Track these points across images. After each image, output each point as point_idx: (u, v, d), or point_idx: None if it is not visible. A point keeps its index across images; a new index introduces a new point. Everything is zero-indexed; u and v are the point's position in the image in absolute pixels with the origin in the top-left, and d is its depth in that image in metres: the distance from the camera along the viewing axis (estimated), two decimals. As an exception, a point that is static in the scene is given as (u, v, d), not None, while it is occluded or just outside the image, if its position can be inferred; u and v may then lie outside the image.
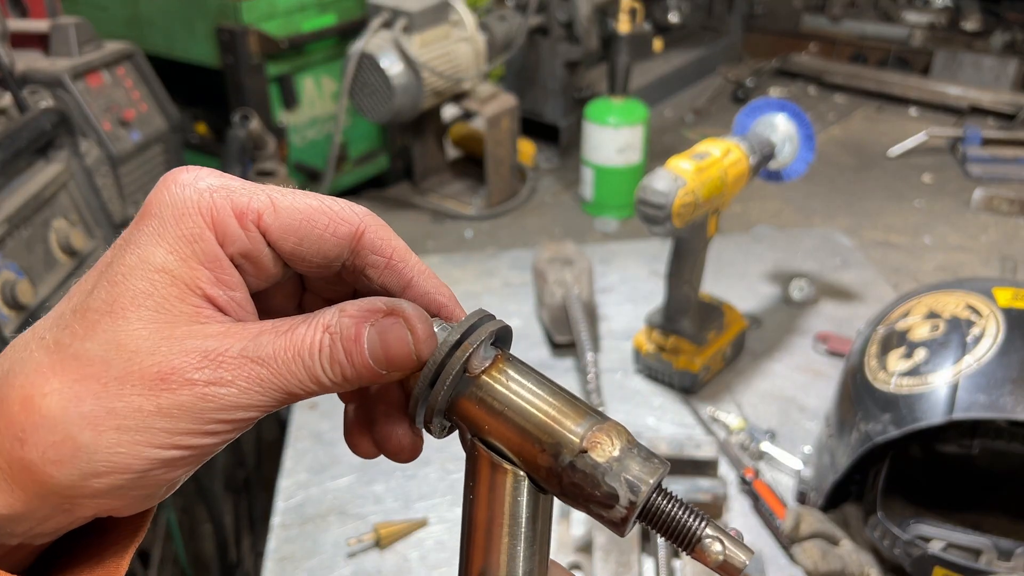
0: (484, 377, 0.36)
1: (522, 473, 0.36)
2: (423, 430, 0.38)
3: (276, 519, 1.15)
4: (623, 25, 1.97)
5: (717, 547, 0.34)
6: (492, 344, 0.37)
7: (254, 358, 0.33)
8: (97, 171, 1.45)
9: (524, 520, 0.36)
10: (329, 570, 1.07)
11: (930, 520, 1.01)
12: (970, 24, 2.91)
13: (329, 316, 0.35)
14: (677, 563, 1.01)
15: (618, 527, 0.35)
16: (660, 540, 1.00)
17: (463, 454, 0.38)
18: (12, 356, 0.33)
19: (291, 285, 0.42)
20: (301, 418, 1.31)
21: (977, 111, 2.58)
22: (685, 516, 0.35)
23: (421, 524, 1.11)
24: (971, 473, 1.09)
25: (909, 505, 1.06)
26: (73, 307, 0.34)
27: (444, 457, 1.22)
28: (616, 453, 0.35)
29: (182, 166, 0.36)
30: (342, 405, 0.42)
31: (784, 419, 1.29)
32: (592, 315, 1.47)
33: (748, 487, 1.12)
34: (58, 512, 0.33)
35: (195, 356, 0.33)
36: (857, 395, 1.05)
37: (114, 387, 0.32)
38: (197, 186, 0.35)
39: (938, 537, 0.98)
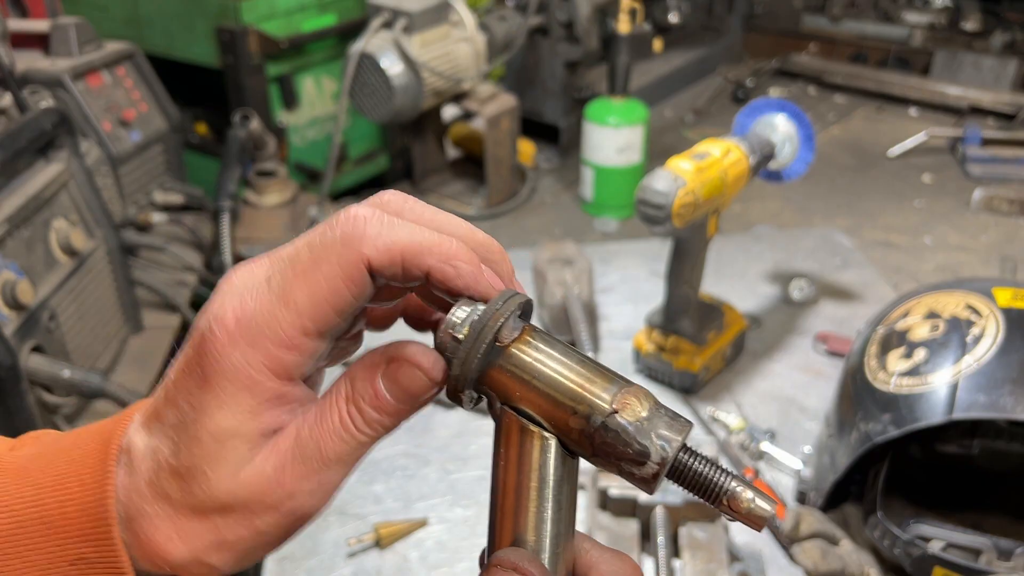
0: (514, 347, 0.38)
1: (550, 436, 0.37)
2: (455, 403, 0.40)
3: (276, 519, 1.15)
4: (623, 25, 1.97)
5: (748, 494, 0.37)
6: (519, 317, 0.39)
7: (304, 460, 0.37)
8: (97, 171, 1.45)
9: (552, 483, 0.37)
10: (329, 570, 1.07)
11: (930, 520, 1.01)
12: (970, 24, 2.91)
13: (345, 389, 0.38)
14: (677, 563, 1.01)
15: (648, 483, 0.37)
16: (660, 540, 1.00)
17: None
18: (128, 504, 0.38)
19: None
20: (301, 418, 1.31)
21: (977, 111, 2.58)
22: (711, 472, 0.37)
23: (421, 524, 1.11)
24: (971, 473, 1.09)
25: (909, 505, 1.06)
26: (160, 465, 0.37)
27: (444, 457, 1.22)
28: (645, 413, 0.36)
29: (210, 310, 0.37)
30: None
31: (784, 419, 1.29)
32: (592, 315, 1.47)
33: (748, 487, 1.12)
34: None
35: (264, 486, 0.37)
36: (857, 395, 1.05)
37: (221, 526, 0.37)
38: (233, 351, 0.37)
39: (938, 537, 0.98)
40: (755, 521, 0.37)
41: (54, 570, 0.37)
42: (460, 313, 0.38)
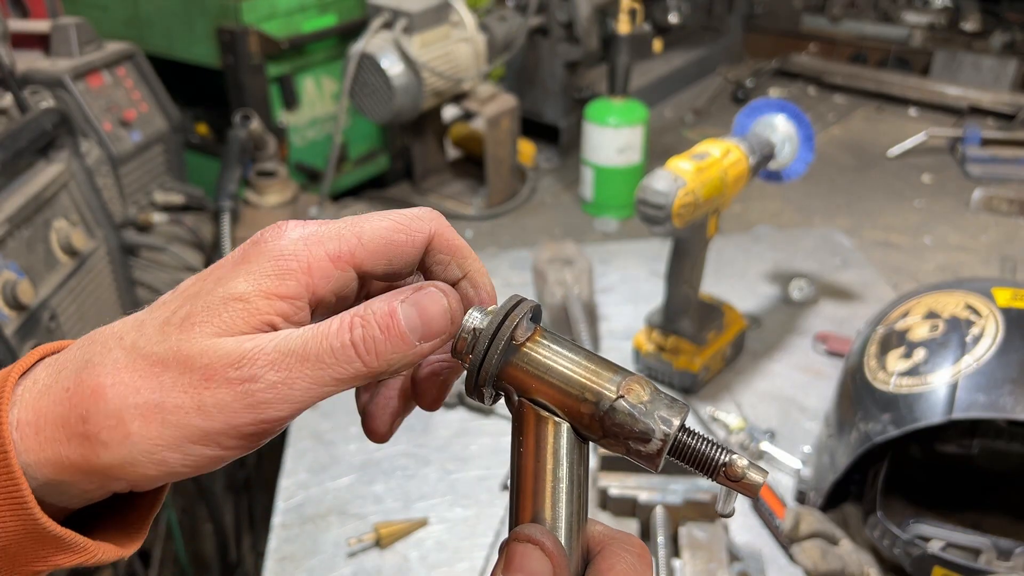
0: (527, 346, 0.42)
1: (563, 422, 0.41)
2: (476, 399, 0.43)
3: (276, 519, 1.15)
4: (623, 25, 1.97)
5: (744, 461, 0.40)
6: (530, 320, 0.43)
7: (285, 352, 0.37)
8: (97, 171, 1.45)
9: (566, 463, 0.41)
10: (329, 570, 1.07)
11: (930, 520, 1.01)
12: (970, 24, 2.91)
13: (357, 307, 0.39)
14: (677, 563, 1.01)
15: (653, 459, 0.40)
16: (660, 540, 1.00)
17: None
18: (92, 349, 0.38)
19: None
20: (301, 418, 1.31)
21: (977, 111, 2.58)
22: (707, 447, 0.41)
23: (421, 524, 1.12)
24: (971, 473, 1.09)
25: (909, 505, 1.06)
26: (155, 319, 0.39)
27: (444, 457, 1.22)
28: (647, 397, 0.41)
29: (279, 222, 0.41)
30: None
31: (784, 419, 1.29)
32: (592, 315, 1.47)
33: (748, 487, 1.12)
34: (97, 487, 0.38)
35: (234, 356, 0.37)
36: (857, 395, 1.05)
37: (168, 386, 0.37)
38: (291, 236, 0.40)
39: (938, 537, 0.98)
40: (749, 489, 0.40)
41: None
42: (475, 319, 0.42)
